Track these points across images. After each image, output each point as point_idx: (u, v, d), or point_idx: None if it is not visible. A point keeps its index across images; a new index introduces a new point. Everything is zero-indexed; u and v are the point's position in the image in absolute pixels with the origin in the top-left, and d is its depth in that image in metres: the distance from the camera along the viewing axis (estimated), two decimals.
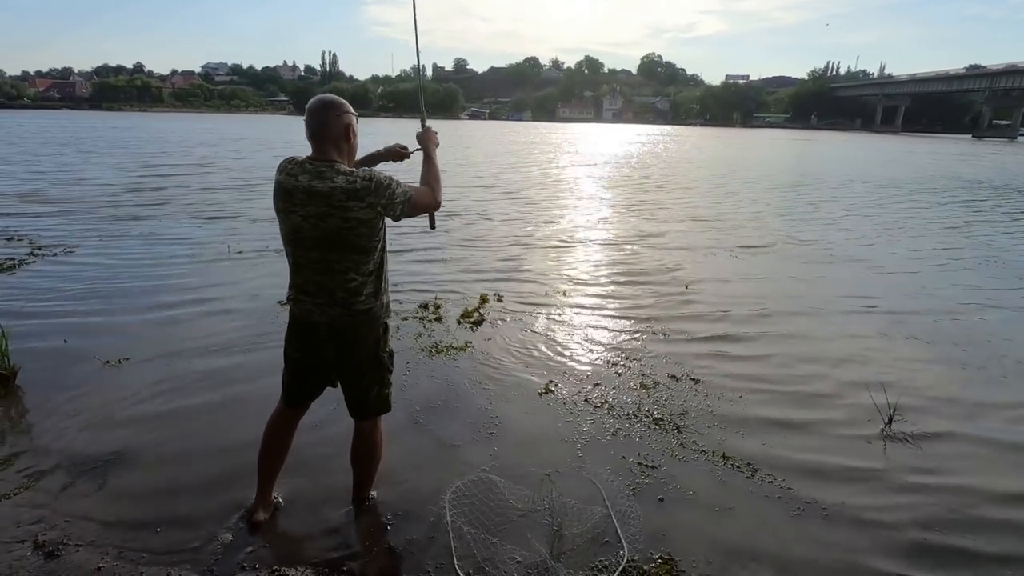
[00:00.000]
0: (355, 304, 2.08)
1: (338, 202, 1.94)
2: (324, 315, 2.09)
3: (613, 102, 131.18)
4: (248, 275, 5.93)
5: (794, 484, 2.77)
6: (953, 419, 3.46)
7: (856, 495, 2.71)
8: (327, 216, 1.96)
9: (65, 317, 4.59)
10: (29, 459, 2.77)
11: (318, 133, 2.02)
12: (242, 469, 2.71)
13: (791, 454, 3.03)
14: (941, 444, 3.19)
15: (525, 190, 13.72)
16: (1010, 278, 6.73)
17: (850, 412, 3.49)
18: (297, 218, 2.00)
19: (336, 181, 1.94)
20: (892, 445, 3.16)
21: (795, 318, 5.11)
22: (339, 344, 2.15)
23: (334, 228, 1.97)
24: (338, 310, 2.08)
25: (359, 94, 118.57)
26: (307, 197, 1.96)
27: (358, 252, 2.03)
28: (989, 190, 16.69)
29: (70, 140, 25.91)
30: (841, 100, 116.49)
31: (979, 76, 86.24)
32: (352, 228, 1.97)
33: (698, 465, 2.91)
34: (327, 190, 1.94)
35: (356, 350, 2.17)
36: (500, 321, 4.80)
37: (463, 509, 2.47)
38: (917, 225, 10.36)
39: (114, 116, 67.31)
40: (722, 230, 9.25)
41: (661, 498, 2.64)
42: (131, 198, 10.65)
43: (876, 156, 32.84)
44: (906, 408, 3.47)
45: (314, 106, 2.03)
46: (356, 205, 1.95)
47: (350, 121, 2.05)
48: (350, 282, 2.05)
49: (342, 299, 2.07)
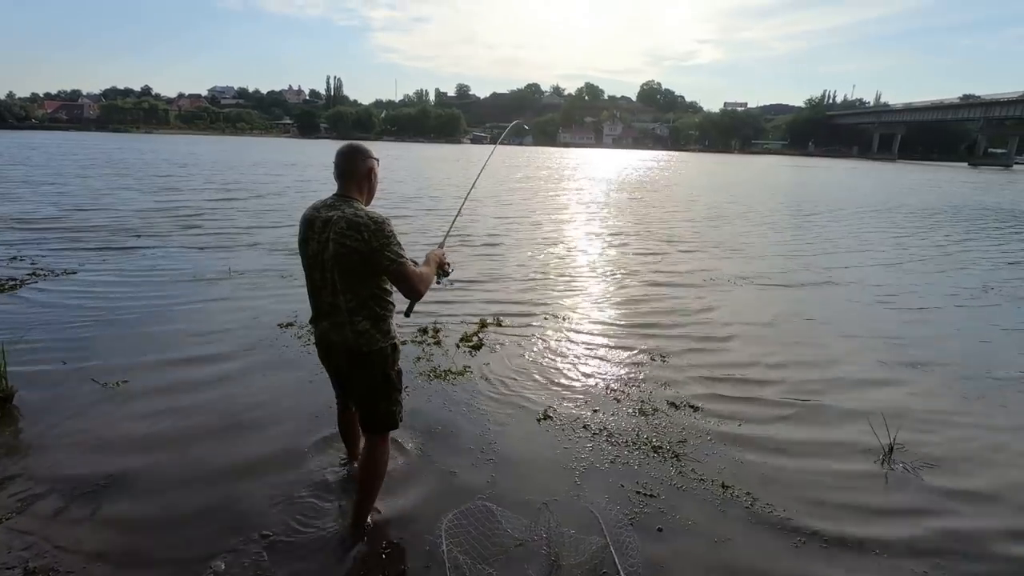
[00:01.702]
0: (354, 323, 2.26)
1: (340, 230, 2.17)
2: (337, 335, 2.30)
3: (613, 128, 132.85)
4: (249, 298, 5.95)
5: (794, 515, 2.74)
6: (954, 449, 3.44)
7: (857, 526, 2.69)
8: (330, 242, 2.19)
9: (65, 338, 4.59)
10: (23, 483, 2.75)
11: (345, 173, 2.30)
12: (240, 494, 2.70)
13: (791, 484, 3.00)
14: (942, 474, 3.16)
15: (527, 214, 13.83)
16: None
17: (851, 442, 3.47)
18: (315, 244, 2.25)
19: (344, 212, 2.19)
20: (893, 475, 3.14)
21: (796, 346, 5.11)
22: (350, 361, 2.33)
23: (335, 253, 2.18)
24: (346, 330, 2.27)
25: (363, 118, 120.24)
26: (323, 225, 2.22)
27: (353, 277, 2.22)
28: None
29: (73, 161, 26.18)
30: (838, 127, 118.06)
31: (973, 106, 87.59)
32: (347, 255, 2.17)
33: (697, 494, 2.88)
34: (335, 218, 2.19)
35: (365, 367, 2.33)
36: (499, 346, 4.80)
37: (460, 538, 2.45)
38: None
39: (117, 137, 68.11)
40: (724, 257, 9.29)
41: (660, 528, 2.61)
42: (135, 220, 10.73)
43: (890, 184, 33.10)
44: (907, 440, 3.45)
45: (344, 150, 2.34)
46: (354, 235, 2.15)
47: (372, 165, 2.35)
48: (349, 302, 2.25)
49: (346, 320, 2.26)
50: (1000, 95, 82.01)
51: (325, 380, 3.92)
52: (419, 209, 13.75)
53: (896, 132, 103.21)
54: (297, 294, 6.00)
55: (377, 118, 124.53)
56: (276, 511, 2.60)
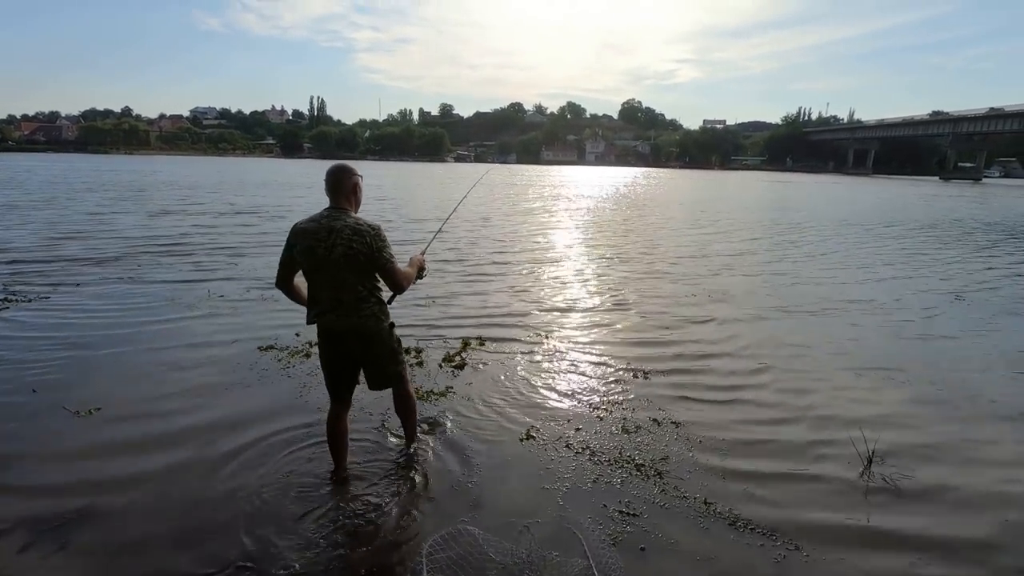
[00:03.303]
0: (363, 310, 2.76)
1: (346, 236, 2.67)
2: (342, 323, 2.76)
3: (596, 145, 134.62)
4: (228, 322, 5.87)
5: (776, 531, 2.75)
6: (932, 462, 3.48)
7: (837, 542, 2.70)
8: (337, 245, 2.66)
9: (36, 366, 4.48)
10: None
11: (335, 188, 2.77)
12: (216, 525, 2.64)
13: (773, 500, 3.01)
14: (920, 488, 3.20)
15: (511, 233, 13.89)
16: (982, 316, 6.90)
17: (831, 456, 3.49)
18: (321, 250, 2.67)
19: (347, 222, 2.70)
20: (872, 490, 3.16)
21: (777, 361, 5.16)
22: (360, 342, 2.83)
23: (342, 254, 2.66)
24: (352, 318, 2.75)
25: (347, 137, 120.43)
26: (327, 233, 2.67)
27: (361, 273, 2.73)
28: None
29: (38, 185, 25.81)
30: (814, 143, 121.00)
31: (942, 121, 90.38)
32: (355, 255, 2.68)
33: (680, 512, 2.88)
34: (340, 227, 2.68)
35: (374, 344, 2.86)
36: (482, 365, 4.79)
37: (441, 563, 2.41)
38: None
39: (92, 159, 67.35)
40: (705, 276, 9.40)
41: (643, 547, 2.60)
42: (109, 244, 10.58)
43: (875, 197, 33.85)
44: (885, 452, 3.49)
45: (332, 169, 2.80)
46: (358, 240, 2.68)
47: (357, 180, 2.84)
48: (358, 294, 2.74)
49: (353, 308, 2.74)
50: (968, 111, 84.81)
51: (304, 404, 3.93)
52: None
53: (870, 148, 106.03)
54: (277, 317, 5.94)
55: (361, 137, 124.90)
56: (253, 542, 2.54)
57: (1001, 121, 78.22)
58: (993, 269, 10.40)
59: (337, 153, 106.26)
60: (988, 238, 15.29)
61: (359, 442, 3.40)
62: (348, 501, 2.86)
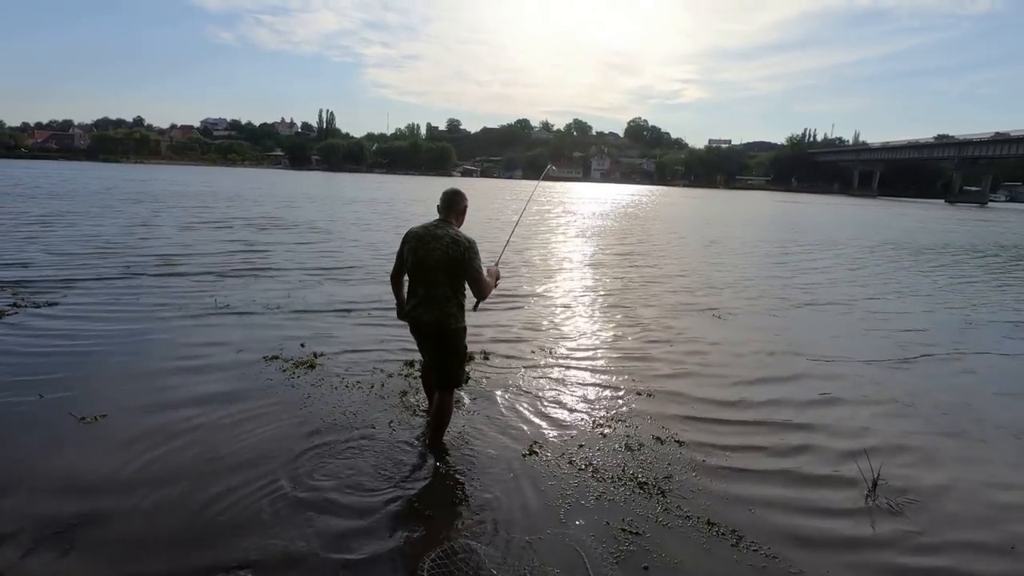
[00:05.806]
0: (446, 307, 3.26)
1: (445, 244, 3.22)
2: (429, 315, 3.26)
3: (601, 163, 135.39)
4: (234, 331, 5.90)
5: (779, 552, 2.73)
6: (938, 486, 3.46)
7: (841, 564, 2.68)
8: (436, 249, 3.21)
9: (42, 371, 4.50)
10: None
11: (448, 205, 3.38)
12: (218, 533, 2.64)
13: (777, 520, 3.00)
14: (924, 510, 3.17)
15: (515, 248, 13.94)
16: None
17: (835, 477, 3.48)
18: (423, 251, 3.23)
19: (449, 232, 3.28)
20: (877, 511, 3.14)
21: (784, 381, 5.15)
22: (438, 335, 3.30)
23: (440, 258, 3.20)
24: (436, 312, 3.25)
25: (354, 150, 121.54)
26: (431, 239, 3.25)
27: (451, 276, 3.24)
28: None
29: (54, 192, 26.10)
30: (819, 164, 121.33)
31: (948, 145, 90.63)
32: (449, 260, 3.21)
33: (683, 531, 2.86)
34: (442, 235, 3.26)
35: (448, 339, 3.32)
36: (485, 379, 4.79)
37: None
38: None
39: (101, 167, 68.10)
40: (711, 292, 9.40)
41: (646, 566, 2.58)
42: (123, 250, 10.67)
43: (910, 220, 33.84)
44: (891, 475, 3.47)
45: (448, 192, 3.42)
46: (455, 248, 3.21)
47: (466, 204, 3.48)
48: (445, 293, 3.25)
49: (438, 304, 3.24)
50: (973, 135, 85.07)
51: (307, 415, 3.94)
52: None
53: (875, 169, 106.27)
54: (282, 328, 5.98)
55: (368, 151, 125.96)
56: (253, 549, 2.54)
57: (1006, 146, 78.45)
58: None
59: (344, 166, 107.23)
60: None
61: (364, 452, 3.41)
62: (347, 513, 2.85)
